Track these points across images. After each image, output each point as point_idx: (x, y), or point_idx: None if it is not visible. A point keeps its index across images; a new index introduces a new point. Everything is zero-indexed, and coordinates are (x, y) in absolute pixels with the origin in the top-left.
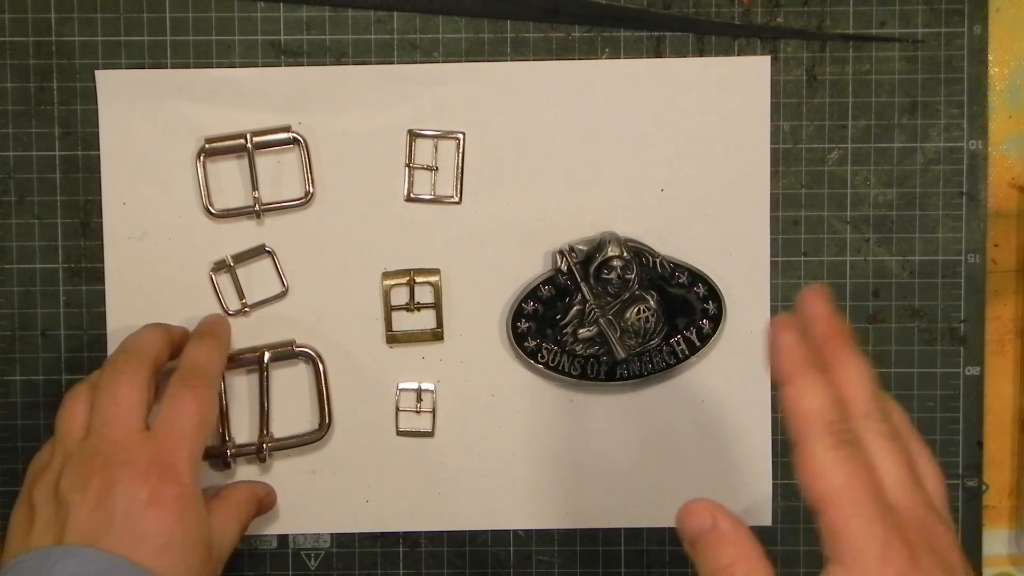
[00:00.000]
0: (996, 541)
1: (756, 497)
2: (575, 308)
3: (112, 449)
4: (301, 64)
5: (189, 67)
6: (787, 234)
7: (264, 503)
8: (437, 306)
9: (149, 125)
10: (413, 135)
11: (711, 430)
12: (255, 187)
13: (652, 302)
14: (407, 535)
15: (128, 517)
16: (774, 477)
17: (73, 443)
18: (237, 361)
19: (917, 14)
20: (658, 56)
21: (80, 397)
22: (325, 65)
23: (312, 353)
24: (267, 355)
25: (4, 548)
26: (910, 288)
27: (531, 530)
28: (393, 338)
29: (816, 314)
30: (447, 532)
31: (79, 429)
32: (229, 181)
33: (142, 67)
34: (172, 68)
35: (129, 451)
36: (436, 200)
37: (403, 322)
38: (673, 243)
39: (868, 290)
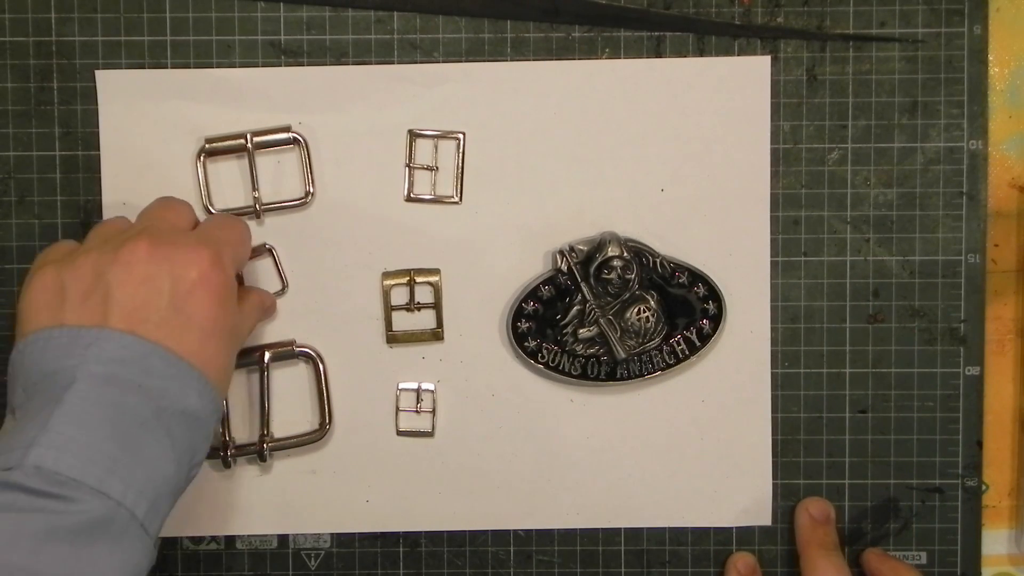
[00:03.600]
0: (996, 541)
1: (756, 497)
2: (575, 308)
3: (161, 227)
4: (301, 64)
5: (189, 67)
6: (787, 234)
7: (268, 311)
8: (437, 306)
9: (149, 125)
10: (413, 135)
11: (711, 430)
12: (255, 187)
13: (652, 302)
14: (407, 535)
15: (175, 297)
16: (774, 477)
17: (112, 231)
18: (237, 361)
19: (917, 14)
20: (658, 56)
21: (117, 219)
22: (325, 65)
23: (312, 353)
24: (267, 355)
25: (21, 326)
26: (910, 288)
27: (531, 530)
28: (393, 338)
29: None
30: (447, 532)
31: (117, 229)
32: (229, 181)
33: (142, 67)
34: (172, 68)
35: (178, 233)
36: (436, 200)
37: (403, 322)
38: (673, 243)
39: (868, 290)
